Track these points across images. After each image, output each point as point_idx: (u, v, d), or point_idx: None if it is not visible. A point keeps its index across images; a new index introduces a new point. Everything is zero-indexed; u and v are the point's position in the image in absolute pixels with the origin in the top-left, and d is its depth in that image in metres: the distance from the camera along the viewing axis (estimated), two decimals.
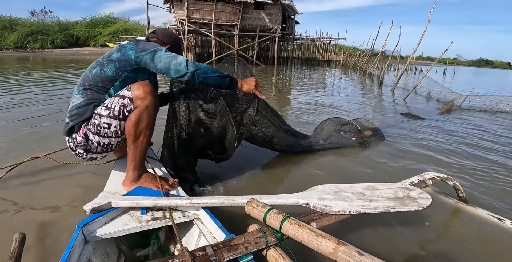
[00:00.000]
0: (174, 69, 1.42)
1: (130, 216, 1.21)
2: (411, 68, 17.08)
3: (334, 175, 2.23)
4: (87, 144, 1.44)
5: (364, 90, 8.66)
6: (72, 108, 1.43)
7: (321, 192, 1.21)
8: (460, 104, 5.80)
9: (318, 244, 0.96)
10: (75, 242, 1.00)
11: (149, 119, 1.37)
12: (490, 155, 2.83)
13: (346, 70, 18.87)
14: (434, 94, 7.09)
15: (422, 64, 25.84)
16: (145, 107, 1.35)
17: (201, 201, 1.22)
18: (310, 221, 1.11)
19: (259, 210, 1.12)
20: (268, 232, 1.07)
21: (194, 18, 17.51)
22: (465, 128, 3.94)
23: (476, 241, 1.49)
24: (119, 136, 1.45)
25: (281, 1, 19.53)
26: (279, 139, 2.30)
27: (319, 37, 26.55)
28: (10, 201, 1.68)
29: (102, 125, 1.39)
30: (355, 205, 1.10)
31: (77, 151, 1.46)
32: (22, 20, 31.90)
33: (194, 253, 0.94)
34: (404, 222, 1.61)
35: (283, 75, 13.07)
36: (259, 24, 19.53)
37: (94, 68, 1.46)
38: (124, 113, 1.37)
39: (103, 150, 1.49)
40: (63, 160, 1.97)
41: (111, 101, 1.38)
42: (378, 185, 1.27)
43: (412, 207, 1.09)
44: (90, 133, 1.41)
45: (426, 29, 7.46)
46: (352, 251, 0.89)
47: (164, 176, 1.57)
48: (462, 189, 1.78)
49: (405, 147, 2.93)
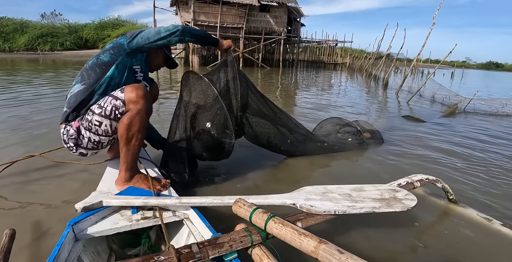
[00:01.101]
0: (165, 30, 1.46)
1: (120, 215, 1.23)
2: (418, 71, 16.92)
3: (326, 176, 2.23)
4: (78, 138, 1.46)
5: (369, 93, 8.65)
6: (71, 96, 1.46)
7: (309, 192, 1.23)
8: (464, 108, 5.75)
9: (300, 243, 0.98)
10: (65, 239, 1.02)
11: (141, 123, 1.38)
12: (488, 158, 2.81)
13: (352, 73, 18.81)
14: (439, 97, 7.04)
15: (430, 67, 25.61)
16: (137, 112, 1.36)
17: (190, 200, 1.24)
18: (295, 221, 1.12)
19: (246, 209, 1.14)
20: (254, 231, 1.09)
21: (200, 20, 17.65)
22: (466, 132, 3.91)
23: (466, 242, 1.50)
24: (109, 135, 1.47)
25: (286, 3, 19.58)
26: (275, 132, 2.29)
27: (325, 40, 26.53)
28: (2, 198, 1.71)
29: (94, 122, 1.41)
30: (341, 206, 1.12)
31: (68, 143, 1.48)
32: (32, 22, 32.47)
33: (180, 250, 0.96)
34: (393, 223, 1.62)
35: (288, 78, 13.08)
36: (264, 26, 19.60)
37: (91, 60, 1.52)
38: (116, 114, 1.39)
39: (93, 146, 1.50)
40: (58, 159, 1.99)
41: (104, 100, 1.40)
42: (365, 187, 1.28)
43: (397, 208, 1.10)
44: (82, 128, 1.44)
45: (431, 31, 7.43)
46: (332, 249, 0.91)
47: (157, 176, 1.60)
48: (452, 191, 1.79)
49: (402, 149, 2.92)
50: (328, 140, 2.72)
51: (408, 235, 1.53)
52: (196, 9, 17.29)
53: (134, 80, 1.58)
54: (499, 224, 1.60)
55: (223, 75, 1.96)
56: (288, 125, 2.41)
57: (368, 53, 20.31)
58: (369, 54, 18.81)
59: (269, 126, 2.22)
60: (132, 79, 1.57)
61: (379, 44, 14.61)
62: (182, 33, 1.48)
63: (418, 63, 23.05)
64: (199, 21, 17.62)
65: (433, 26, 7.29)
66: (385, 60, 13.03)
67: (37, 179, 1.97)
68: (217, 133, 1.91)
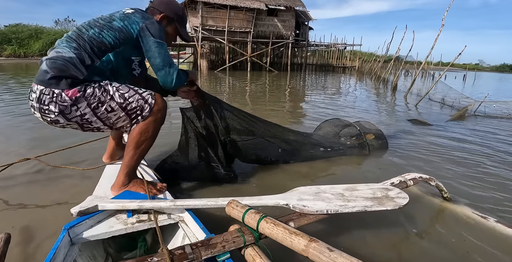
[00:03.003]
0: (164, 75, 1.44)
1: (116, 219, 1.24)
2: (429, 74, 16.69)
3: (322, 180, 2.22)
4: (70, 108, 1.28)
5: (377, 96, 8.57)
6: (58, 58, 1.26)
7: (302, 193, 1.24)
8: (474, 111, 5.63)
9: (291, 242, 0.99)
10: (61, 243, 1.03)
11: (155, 130, 1.43)
12: (492, 163, 2.71)
13: (361, 76, 18.68)
14: (448, 100, 6.92)
15: (441, 70, 25.21)
16: (156, 120, 1.41)
17: (185, 203, 1.25)
18: (288, 221, 1.13)
19: (238, 210, 1.15)
20: (247, 232, 1.10)
21: (208, 25, 17.87)
22: (474, 136, 3.79)
23: (460, 239, 1.50)
24: (106, 125, 1.40)
25: (294, 7, 19.66)
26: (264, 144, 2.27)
27: (333, 43, 26.48)
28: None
29: (106, 106, 1.33)
30: (333, 205, 1.13)
31: (48, 106, 1.26)
32: (47, 28, 33.34)
33: (173, 251, 0.97)
34: (386, 222, 1.62)
35: (296, 81, 13.08)
36: (272, 30, 19.71)
37: (92, 28, 1.35)
38: (137, 115, 1.37)
39: (79, 123, 1.35)
40: (54, 163, 1.98)
41: (130, 94, 1.36)
42: (358, 186, 1.30)
43: (389, 206, 1.12)
44: (85, 102, 1.29)
45: (440, 33, 7.33)
46: (322, 247, 0.92)
47: (153, 180, 1.60)
48: (446, 189, 1.80)
49: (405, 153, 2.85)
50: (325, 144, 2.68)
51: (400, 233, 1.53)
52: (204, 14, 17.52)
53: (130, 69, 1.53)
54: (494, 221, 1.61)
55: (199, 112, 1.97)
56: (277, 134, 2.38)
57: (377, 56, 20.16)
58: (378, 57, 18.68)
59: (255, 141, 2.21)
60: (128, 69, 1.52)
61: (388, 47, 14.52)
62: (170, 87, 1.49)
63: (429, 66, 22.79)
64: (207, 25, 17.85)
65: (442, 27, 7.19)
66: (393, 63, 12.90)
67: (32, 182, 1.97)
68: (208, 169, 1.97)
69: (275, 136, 2.36)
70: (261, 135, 2.26)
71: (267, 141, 2.30)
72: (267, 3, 18.53)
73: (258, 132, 2.23)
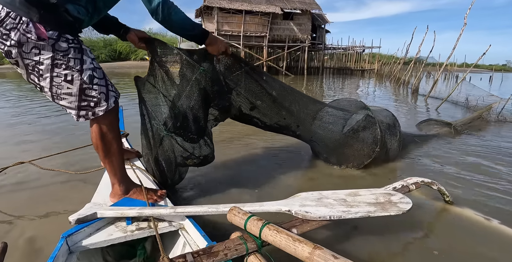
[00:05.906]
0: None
1: (115, 227, 1.22)
2: (452, 76, 16.06)
3: (323, 183, 2.18)
4: (30, 47, 1.08)
5: (397, 99, 8.34)
6: None
7: (304, 199, 1.22)
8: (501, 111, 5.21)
9: (295, 249, 0.97)
10: (59, 252, 1.02)
11: (114, 130, 1.32)
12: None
13: (381, 79, 18.25)
14: (472, 100, 6.51)
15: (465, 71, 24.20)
16: (108, 121, 1.29)
17: (185, 209, 1.23)
18: (291, 227, 1.11)
19: (240, 217, 1.13)
20: (249, 239, 1.08)
21: (224, 30, 18.06)
22: (494, 141, 3.46)
23: (465, 242, 1.48)
24: (50, 92, 1.18)
25: (310, 10, 19.57)
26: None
27: (351, 46, 26.10)
28: None
29: (68, 72, 1.14)
30: (336, 211, 1.11)
31: (9, 31, 1.05)
32: None
33: (174, 260, 0.96)
34: (390, 227, 1.59)
35: (313, 85, 12.96)
36: (288, 34, 19.67)
37: None
38: (89, 106, 1.21)
39: (29, 70, 1.14)
40: (49, 167, 1.93)
41: (100, 82, 1.22)
42: (360, 191, 1.29)
43: (392, 212, 1.11)
44: (50, 52, 1.10)
45: (462, 33, 7.06)
46: (327, 254, 0.90)
47: (152, 187, 1.57)
48: (448, 193, 1.79)
49: (412, 158, 2.72)
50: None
51: (404, 239, 1.50)
52: (219, 19, 17.74)
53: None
54: (498, 223, 1.61)
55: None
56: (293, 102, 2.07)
57: (397, 58, 19.69)
58: (398, 59, 18.23)
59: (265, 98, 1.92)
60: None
61: (408, 49, 14.11)
62: (160, 8, 1.24)
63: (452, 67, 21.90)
64: (223, 31, 18.06)
65: (464, 26, 6.94)
66: (413, 65, 12.52)
67: (28, 188, 1.93)
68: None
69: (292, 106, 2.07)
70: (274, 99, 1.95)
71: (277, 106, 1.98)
72: (283, 7, 18.55)
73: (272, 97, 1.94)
